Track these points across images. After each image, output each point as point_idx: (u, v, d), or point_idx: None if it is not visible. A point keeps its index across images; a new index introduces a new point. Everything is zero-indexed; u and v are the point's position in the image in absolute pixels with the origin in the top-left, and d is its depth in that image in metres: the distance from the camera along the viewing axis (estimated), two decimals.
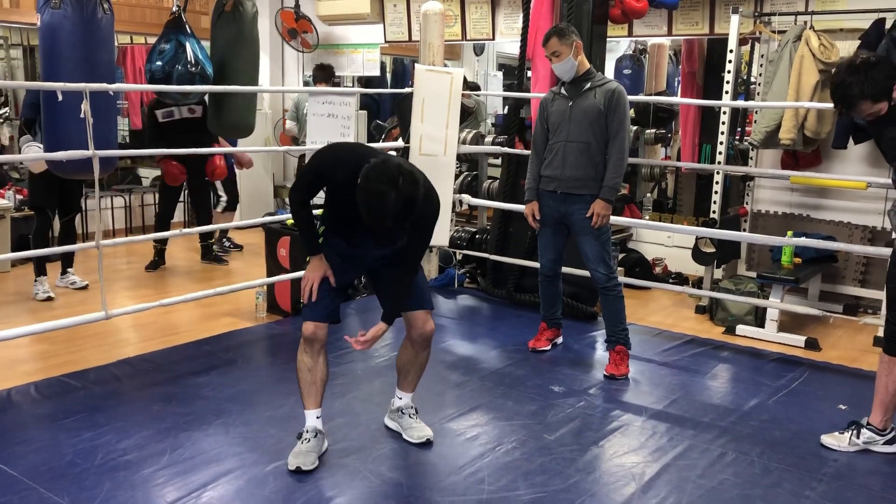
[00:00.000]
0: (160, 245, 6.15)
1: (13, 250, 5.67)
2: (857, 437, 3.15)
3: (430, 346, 3.08)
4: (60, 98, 3.51)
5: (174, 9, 4.89)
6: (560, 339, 4.43)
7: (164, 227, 6.05)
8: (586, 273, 4.14)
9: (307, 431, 2.95)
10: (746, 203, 5.56)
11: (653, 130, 6.19)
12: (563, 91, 3.98)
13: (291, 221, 4.75)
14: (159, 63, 4.74)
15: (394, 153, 6.07)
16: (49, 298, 5.12)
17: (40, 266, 5.20)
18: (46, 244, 5.15)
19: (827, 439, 3.21)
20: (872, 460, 3.10)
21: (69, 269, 5.47)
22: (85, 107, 3.50)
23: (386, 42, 7.29)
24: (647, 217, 6.50)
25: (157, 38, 4.89)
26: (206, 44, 5.09)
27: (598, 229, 3.90)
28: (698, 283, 5.44)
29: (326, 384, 2.98)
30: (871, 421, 3.16)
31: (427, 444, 3.10)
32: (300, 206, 2.87)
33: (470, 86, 6.88)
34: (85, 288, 5.38)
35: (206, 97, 5.34)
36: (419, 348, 3.06)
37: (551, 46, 3.86)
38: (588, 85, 3.91)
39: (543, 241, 4.18)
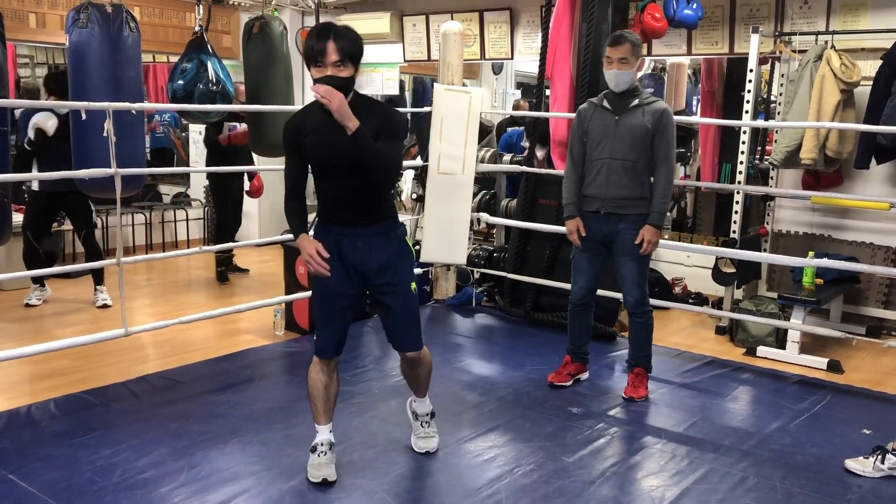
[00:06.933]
0: (224, 254, 6.26)
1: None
2: (882, 463, 3.09)
3: (419, 362, 3.06)
4: (84, 117, 3.57)
5: (196, 28, 4.97)
6: (585, 375, 4.10)
7: (225, 237, 6.23)
8: (606, 293, 4.07)
9: (321, 444, 2.95)
10: (767, 223, 5.52)
11: None
12: (605, 104, 3.75)
13: None
14: (181, 82, 4.82)
15: (412, 172, 6.13)
16: (28, 305, 5.34)
17: (38, 278, 5.40)
18: (38, 262, 5.17)
19: (851, 464, 3.15)
20: None
21: (98, 287, 5.48)
22: (108, 125, 3.55)
23: (405, 61, 7.34)
24: (667, 236, 6.46)
25: (179, 57, 4.96)
26: (228, 63, 5.16)
27: (640, 253, 3.72)
28: (718, 304, 5.39)
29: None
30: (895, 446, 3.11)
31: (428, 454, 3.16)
32: (290, 196, 3.08)
33: None
34: (105, 307, 5.42)
35: (245, 117, 5.47)
36: (408, 367, 3.11)
37: (622, 51, 3.59)
38: (636, 101, 3.68)
39: (578, 264, 3.89)
